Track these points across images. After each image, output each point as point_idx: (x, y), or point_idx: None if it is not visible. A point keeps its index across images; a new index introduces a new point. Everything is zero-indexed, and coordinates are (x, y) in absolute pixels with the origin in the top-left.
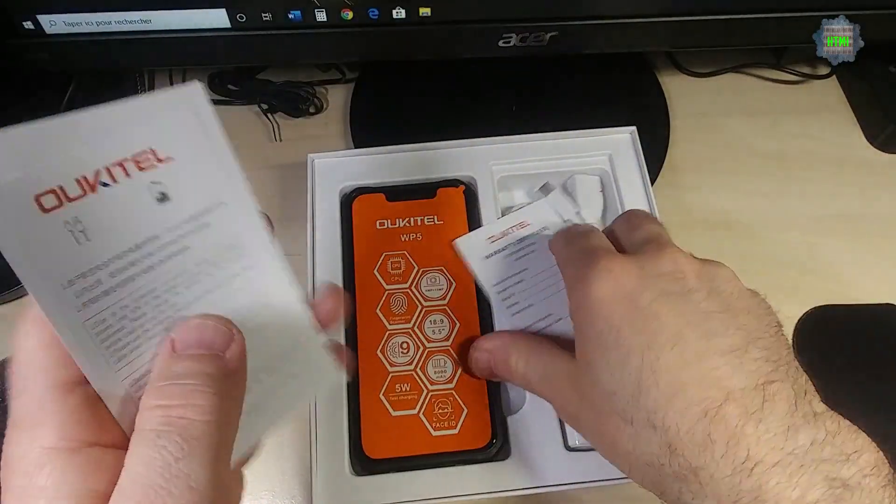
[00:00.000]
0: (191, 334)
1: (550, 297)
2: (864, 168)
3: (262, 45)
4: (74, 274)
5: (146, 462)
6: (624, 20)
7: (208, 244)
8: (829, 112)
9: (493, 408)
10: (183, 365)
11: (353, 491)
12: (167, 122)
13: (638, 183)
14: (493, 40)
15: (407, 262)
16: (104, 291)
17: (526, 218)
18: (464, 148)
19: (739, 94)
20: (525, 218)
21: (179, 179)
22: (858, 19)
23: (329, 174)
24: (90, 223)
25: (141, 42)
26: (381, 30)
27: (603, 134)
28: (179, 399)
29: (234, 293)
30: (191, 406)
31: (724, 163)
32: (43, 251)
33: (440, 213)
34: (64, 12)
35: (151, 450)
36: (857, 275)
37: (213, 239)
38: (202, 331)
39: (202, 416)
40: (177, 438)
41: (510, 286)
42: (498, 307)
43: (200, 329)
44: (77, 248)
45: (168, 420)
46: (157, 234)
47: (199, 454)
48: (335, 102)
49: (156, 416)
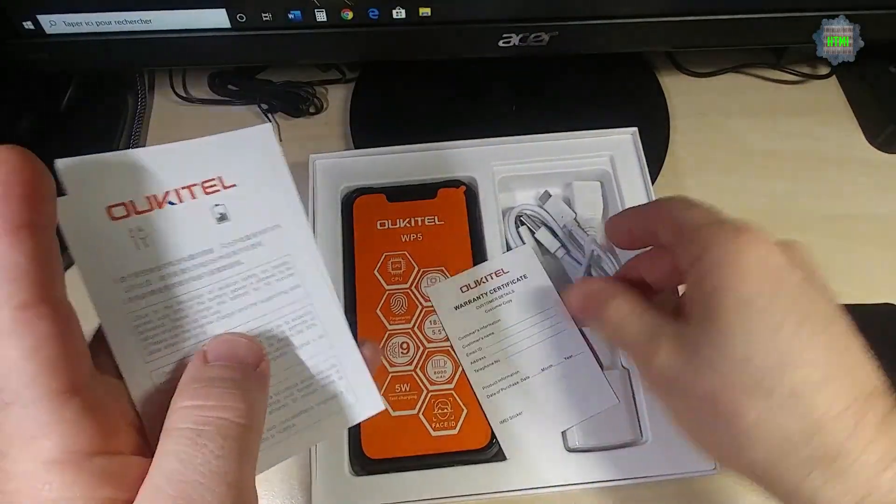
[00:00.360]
0: (222, 347)
1: (520, 353)
2: (864, 168)
3: (262, 45)
4: (128, 272)
5: (183, 459)
6: (624, 20)
7: (259, 261)
8: (829, 112)
9: (488, 413)
10: (216, 371)
11: (352, 491)
12: (237, 155)
13: (639, 184)
14: (493, 40)
15: (407, 262)
16: (151, 291)
17: (503, 265)
18: (465, 148)
19: (739, 94)
20: (503, 265)
21: (240, 203)
22: (858, 19)
23: (330, 175)
24: (151, 233)
25: (141, 42)
26: (381, 30)
27: (604, 135)
28: (215, 400)
29: (279, 309)
30: (227, 407)
31: (725, 163)
32: (104, 250)
33: (441, 214)
34: (64, 12)
35: (190, 447)
36: (857, 275)
37: (264, 257)
38: (234, 346)
39: (238, 418)
40: (217, 437)
41: (476, 340)
42: (462, 361)
43: (232, 344)
44: (135, 252)
45: (206, 419)
46: (212, 248)
47: (236, 454)
48: (335, 102)
49: (192, 415)
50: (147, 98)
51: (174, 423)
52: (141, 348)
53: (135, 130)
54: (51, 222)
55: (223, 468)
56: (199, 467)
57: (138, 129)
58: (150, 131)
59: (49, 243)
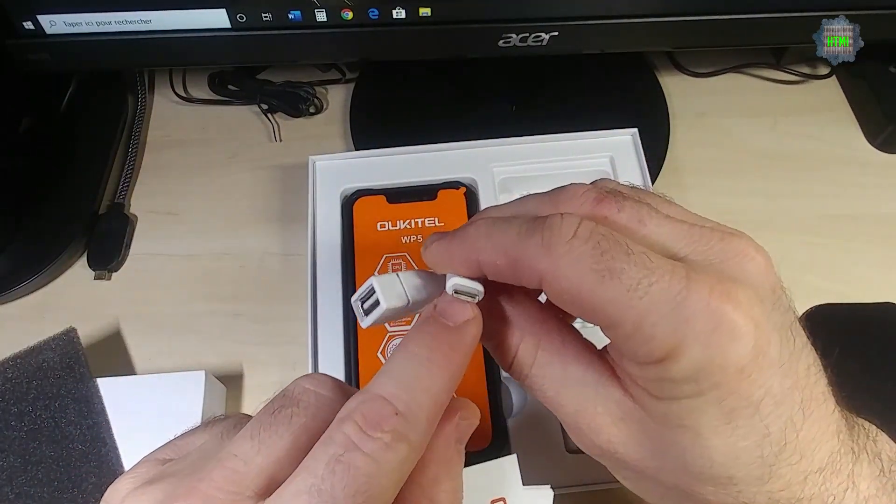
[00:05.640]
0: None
1: None
2: (864, 168)
3: (262, 45)
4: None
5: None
6: (624, 20)
7: None
8: (829, 112)
9: (493, 410)
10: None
11: None
12: None
13: (639, 184)
14: (493, 40)
15: (408, 263)
16: None
17: None
18: (465, 150)
19: (739, 94)
20: None
21: None
22: (858, 19)
23: (330, 176)
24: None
25: (141, 42)
26: (381, 30)
27: (605, 136)
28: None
29: None
30: None
31: (724, 163)
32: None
33: (441, 215)
34: (64, 12)
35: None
36: (857, 275)
37: None
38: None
39: None
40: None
41: None
42: None
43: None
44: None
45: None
46: None
47: None
48: (335, 102)
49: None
50: (147, 98)
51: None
52: None
53: (135, 130)
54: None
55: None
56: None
57: (138, 129)
58: (150, 131)
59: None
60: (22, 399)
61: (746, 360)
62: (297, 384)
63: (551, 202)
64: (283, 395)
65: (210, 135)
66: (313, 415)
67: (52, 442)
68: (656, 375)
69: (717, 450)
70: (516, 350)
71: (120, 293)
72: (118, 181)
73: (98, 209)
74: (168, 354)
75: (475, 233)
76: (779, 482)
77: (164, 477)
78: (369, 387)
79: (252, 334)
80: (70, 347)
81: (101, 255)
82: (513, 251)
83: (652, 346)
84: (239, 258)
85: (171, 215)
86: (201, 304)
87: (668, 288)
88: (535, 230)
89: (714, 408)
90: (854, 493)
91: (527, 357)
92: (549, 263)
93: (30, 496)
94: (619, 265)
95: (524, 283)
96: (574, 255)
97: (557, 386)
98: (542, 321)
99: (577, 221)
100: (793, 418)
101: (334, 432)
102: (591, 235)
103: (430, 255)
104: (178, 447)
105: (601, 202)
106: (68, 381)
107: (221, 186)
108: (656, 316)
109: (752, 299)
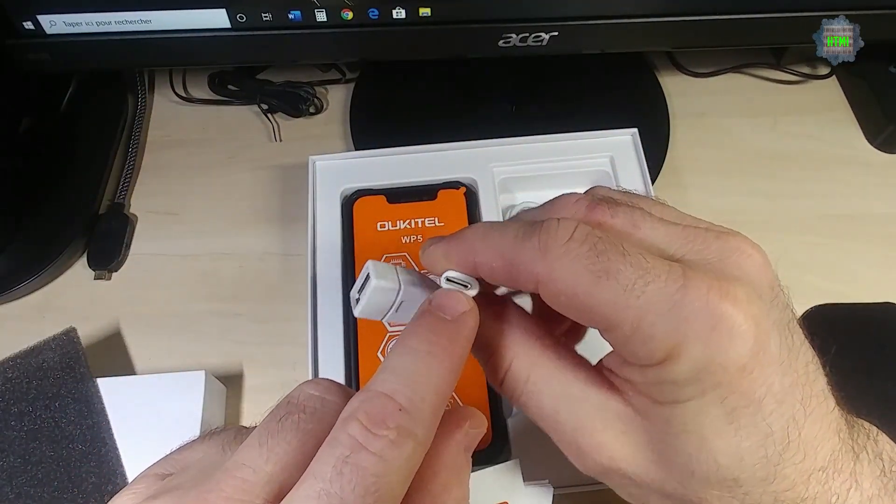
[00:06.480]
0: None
1: None
2: (864, 168)
3: (262, 45)
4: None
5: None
6: (624, 20)
7: None
8: (829, 112)
9: (493, 409)
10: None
11: None
12: None
13: (639, 185)
14: (493, 40)
15: (408, 263)
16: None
17: None
18: (465, 150)
19: (739, 94)
20: None
21: None
22: (858, 19)
23: (330, 176)
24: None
25: (141, 42)
26: (381, 30)
27: (604, 135)
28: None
29: None
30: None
31: (724, 163)
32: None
33: (441, 215)
34: (64, 12)
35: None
36: (857, 275)
37: None
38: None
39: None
40: None
41: None
42: None
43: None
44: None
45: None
46: None
47: None
48: (335, 102)
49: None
50: (147, 98)
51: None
52: None
53: (135, 130)
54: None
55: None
56: None
57: (138, 129)
58: (150, 131)
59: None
60: (22, 399)
61: (747, 358)
62: (301, 390)
63: (546, 212)
64: (288, 402)
65: (210, 135)
66: (320, 420)
67: (52, 442)
68: (658, 378)
69: (722, 452)
70: (509, 366)
71: (120, 293)
72: (118, 181)
73: (98, 209)
74: (168, 354)
75: (472, 235)
76: (784, 482)
77: (168, 491)
78: (370, 384)
79: (252, 334)
80: (70, 347)
81: (101, 255)
82: (509, 253)
83: (652, 346)
84: (239, 258)
85: (171, 215)
86: (201, 304)
87: (665, 287)
88: (531, 233)
89: (716, 408)
90: (858, 491)
91: (521, 373)
92: (545, 265)
93: (30, 496)
94: (615, 266)
95: (521, 286)
96: (570, 256)
97: (555, 403)
98: (537, 337)
99: (574, 224)
100: (794, 416)
101: (339, 433)
102: (586, 237)
103: (428, 257)
104: (177, 461)
105: (595, 209)
106: (68, 381)
107: (221, 186)
108: (654, 315)
109: (750, 297)
